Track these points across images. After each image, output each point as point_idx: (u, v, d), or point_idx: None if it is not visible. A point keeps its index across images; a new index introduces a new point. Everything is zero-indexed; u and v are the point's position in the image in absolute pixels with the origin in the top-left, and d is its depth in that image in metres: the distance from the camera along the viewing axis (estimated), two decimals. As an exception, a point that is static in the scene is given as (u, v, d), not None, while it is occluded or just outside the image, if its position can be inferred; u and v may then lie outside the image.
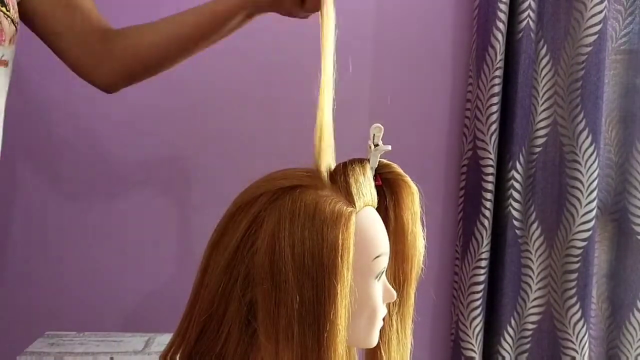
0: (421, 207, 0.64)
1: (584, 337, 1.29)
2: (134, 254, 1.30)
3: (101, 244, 1.29)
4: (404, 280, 0.66)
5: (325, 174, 0.58)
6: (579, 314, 1.28)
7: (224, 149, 1.28)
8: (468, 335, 1.31)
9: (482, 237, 1.28)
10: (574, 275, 1.28)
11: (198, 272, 0.59)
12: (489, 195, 1.27)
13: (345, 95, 1.41)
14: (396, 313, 0.66)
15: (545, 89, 1.30)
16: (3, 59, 0.68)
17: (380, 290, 0.60)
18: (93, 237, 1.29)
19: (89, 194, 1.28)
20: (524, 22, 1.24)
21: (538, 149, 1.31)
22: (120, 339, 1.12)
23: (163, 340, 1.11)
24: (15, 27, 0.70)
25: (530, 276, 1.33)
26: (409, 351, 0.69)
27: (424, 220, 0.65)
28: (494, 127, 1.26)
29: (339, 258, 0.52)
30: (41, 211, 1.27)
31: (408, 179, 0.64)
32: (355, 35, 1.32)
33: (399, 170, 0.64)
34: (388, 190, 0.64)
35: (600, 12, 1.22)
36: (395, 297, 0.62)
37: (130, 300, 1.31)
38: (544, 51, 1.29)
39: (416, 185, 0.64)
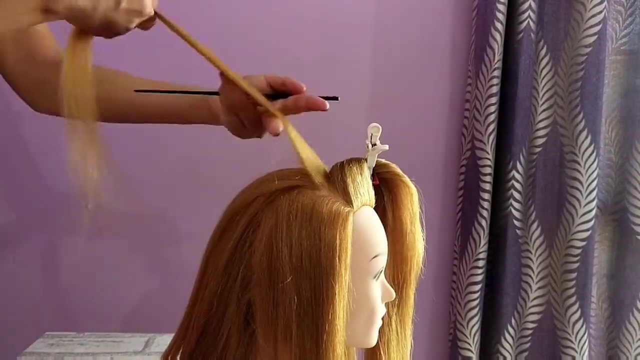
0: (420, 207, 0.64)
1: (583, 336, 1.29)
2: (133, 254, 1.30)
3: (101, 244, 1.29)
4: (403, 281, 0.66)
5: (319, 175, 0.58)
6: (578, 314, 1.28)
7: (223, 149, 1.28)
8: (465, 335, 1.31)
9: (480, 237, 1.28)
10: (574, 275, 1.28)
11: (198, 273, 0.60)
12: (486, 196, 1.27)
13: (345, 95, 1.40)
14: (395, 314, 0.66)
15: (545, 89, 1.30)
16: None
17: (378, 289, 0.60)
18: (93, 237, 1.29)
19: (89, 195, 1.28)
20: (524, 23, 1.24)
21: (538, 149, 1.31)
22: (120, 339, 1.12)
23: (163, 340, 1.11)
24: None
25: (530, 276, 1.33)
26: (409, 352, 0.69)
27: (423, 220, 0.65)
28: (492, 127, 1.26)
29: (337, 258, 0.53)
30: (41, 211, 1.28)
31: (406, 179, 0.64)
32: (354, 36, 1.32)
33: (397, 170, 0.64)
34: (386, 190, 0.64)
35: (600, 12, 1.22)
36: (394, 297, 0.62)
37: (130, 300, 1.31)
38: (544, 52, 1.29)
39: (415, 186, 0.64)
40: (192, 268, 0.61)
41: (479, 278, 1.29)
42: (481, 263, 1.29)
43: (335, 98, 0.64)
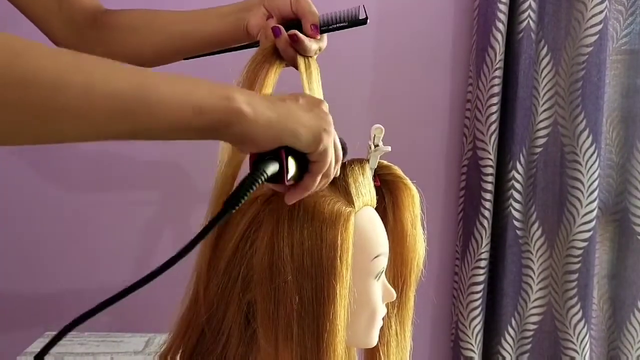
0: (421, 208, 0.64)
1: (584, 337, 1.29)
2: (134, 254, 1.30)
3: (101, 243, 1.29)
4: (403, 282, 0.66)
5: None
6: (579, 315, 1.28)
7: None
8: (467, 335, 1.30)
9: (482, 237, 1.28)
10: (575, 276, 1.28)
11: (198, 272, 0.59)
12: (488, 196, 1.27)
13: (346, 95, 1.41)
14: (395, 315, 0.66)
15: (546, 89, 1.30)
16: None
17: (379, 290, 0.60)
18: (93, 236, 1.29)
19: (89, 194, 1.28)
20: (525, 23, 1.24)
21: (539, 149, 1.31)
22: (120, 339, 1.12)
23: (163, 340, 1.11)
24: None
25: (531, 276, 1.33)
26: (409, 353, 0.69)
27: (424, 220, 0.65)
28: (493, 127, 1.25)
29: (338, 258, 0.52)
30: (41, 211, 1.27)
31: (408, 181, 0.64)
32: (355, 35, 1.32)
33: (399, 172, 0.64)
34: (387, 192, 0.64)
35: (601, 12, 1.22)
36: (395, 297, 0.62)
37: (130, 300, 1.30)
38: (544, 51, 1.29)
39: (416, 187, 0.64)
40: (192, 268, 0.61)
41: (481, 278, 1.29)
42: (483, 263, 1.28)
43: (364, 21, 0.63)
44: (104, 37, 0.72)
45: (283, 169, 0.47)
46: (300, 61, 0.59)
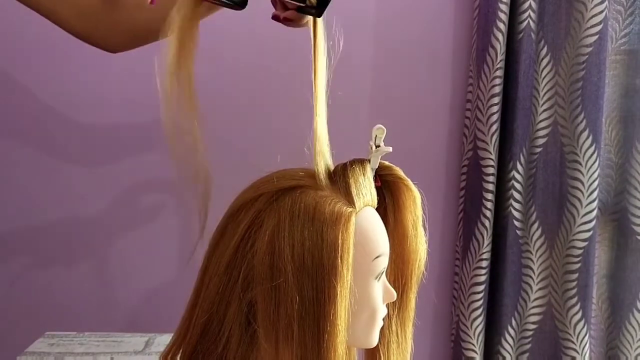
0: (422, 208, 0.64)
1: (584, 337, 1.29)
2: (134, 254, 1.30)
3: (101, 243, 1.29)
4: (404, 283, 0.66)
5: (323, 175, 0.58)
6: (579, 314, 1.28)
7: (224, 149, 1.29)
8: (469, 335, 1.30)
9: (483, 238, 1.28)
10: (575, 276, 1.28)
11: (199, 272, 0.60)
12: (489, 196, 1.27)
13: (346, 95, 1.41)
14: (396, 316, 0.66)
15: (545, 89, 1.30)
16: None
17: (380, 290, 0.60)
18: (93, 236, 1.29)
19: (89, 194, 1.28)
20: (525, 23, 1.24)
21: (539, 149, 1.31)
22: (120, 339, 1.12)
23: (163, 340, 1.11)
24: None
25: (531, 276, 1.33)
26: (409, 354, 0.69)
27: (425, 221, 0.65)
28: (494, 127, 1.26)
29: (339, 258, 0.53)
30: (41, 210, 1.27)
31: (409, 182, 0.63)
32: (355, 35, 1.32)
33: (400, 173, 0.64)
34: (387, 193, 0.64)
35: (601, 12, 1.22)
36: (396, 297, 0.62)
37: (130, 300, 1.31)
38: (544, 51, 1.29)
39: (418, 189, 0.64)
40: (193, 267, 0.61)
41: (483, 278, 1.29)
42: (485, 263, 1.29)
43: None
44: (115, 16, 0.72)
45: None
46: None
